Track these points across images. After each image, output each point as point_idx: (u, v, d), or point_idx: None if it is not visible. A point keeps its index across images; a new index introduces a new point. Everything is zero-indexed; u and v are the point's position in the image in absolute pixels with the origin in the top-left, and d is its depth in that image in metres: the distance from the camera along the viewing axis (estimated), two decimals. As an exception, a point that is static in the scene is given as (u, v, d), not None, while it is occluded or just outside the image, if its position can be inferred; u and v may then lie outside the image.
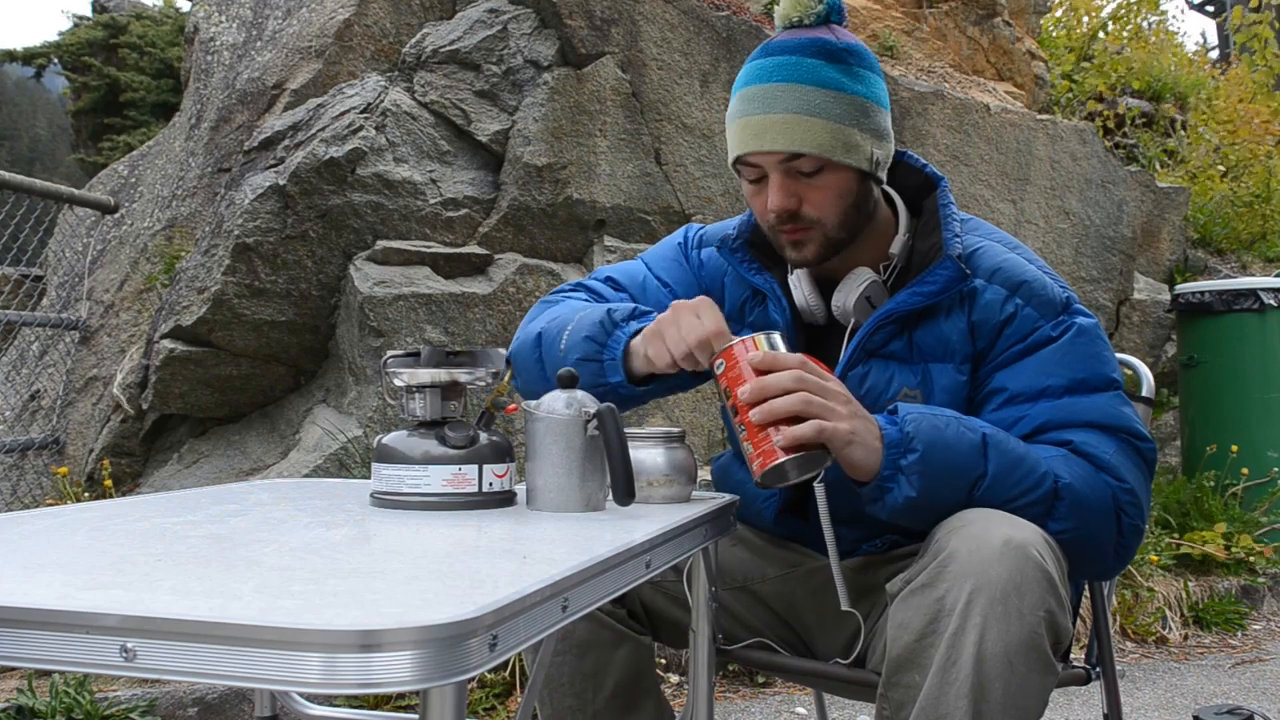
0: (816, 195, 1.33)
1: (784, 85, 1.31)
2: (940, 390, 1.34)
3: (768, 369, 1.18)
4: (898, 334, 1.36)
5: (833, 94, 1.31)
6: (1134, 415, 1.32)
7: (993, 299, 1.33)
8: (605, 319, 1.35)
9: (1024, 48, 5.68)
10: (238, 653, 0.61)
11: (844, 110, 1.31)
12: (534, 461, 1.16)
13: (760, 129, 1.31)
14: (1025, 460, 1.22)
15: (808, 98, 1.30)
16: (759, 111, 1.31)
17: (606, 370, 1.32)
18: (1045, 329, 1.32)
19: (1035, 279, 1.35)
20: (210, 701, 2.48)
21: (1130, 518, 1.25)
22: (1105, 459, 1.25)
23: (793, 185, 1.32)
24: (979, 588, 1.06)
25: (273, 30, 4.14)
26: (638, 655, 1.47)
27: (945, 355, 1.34)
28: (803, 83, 1.30)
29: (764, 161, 1.33)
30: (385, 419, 3.27)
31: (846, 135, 1.31)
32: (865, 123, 1.33)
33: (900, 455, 1.19)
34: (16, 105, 28.44)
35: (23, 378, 4.29)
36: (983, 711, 1.05)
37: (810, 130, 1.29)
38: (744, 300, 1.49)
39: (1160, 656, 3.52)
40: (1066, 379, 1.30)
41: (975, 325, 1.34)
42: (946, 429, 1.21)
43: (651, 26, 3.81)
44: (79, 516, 1.09)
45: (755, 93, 1.33)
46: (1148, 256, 5.59)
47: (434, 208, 3.48)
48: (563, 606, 0.78)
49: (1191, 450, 4.65)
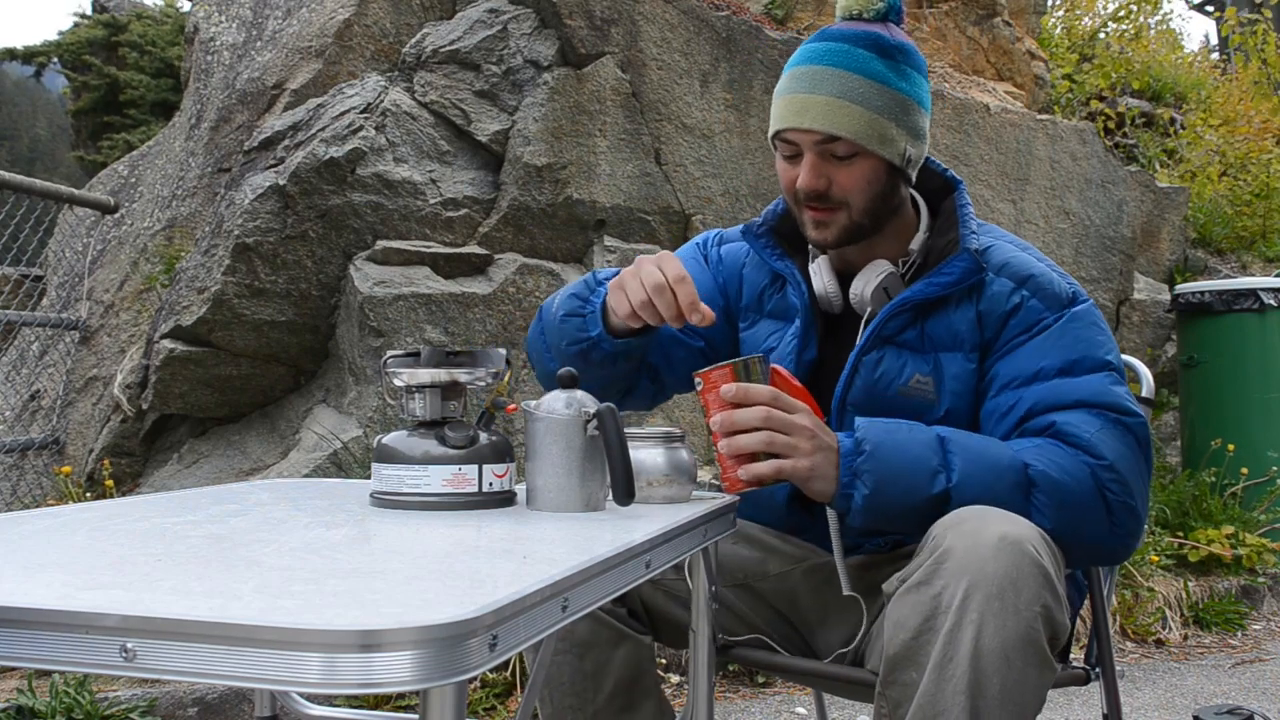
0: (846, 179, 1.37)
1: (832, 69, 1.36)
2: (950, 378, 1.37)
3: (737, 403, 1.23)
4: (911, 323, 1.39)
5: (877, 86, 1.36)
6: (1125, 394, 1.32)
7: (1000, 290, 1.37)
8: (590, 278, 1.45)
9: (1024, 48, 5.68)
10: (237, 653, 0.61)
11: (885, 103, 1.36)
12: (534, 461, 1.16)
13: (802, 107, 1.36)
14: (989, 450, 1.25)
15: (852, 84, 1.35)
16: (804, 90, 1.36)
17: (588, 323, 1.40)
18: (1049, 320, 1.36)
19: (1042, 274, 1.39)
20: (210, 701, 2.48)
21: (1116, 494, 1.25)
22: (1085, 438, 1.26)
23: (825, 167, 1.37)
24: (975, 584, 1.07)
25: (273, 30, 4.14)
26: (638, 655, 1.47)
27: (955, 345, 1.38)
28: (850, 70, 1.36)
29: (801, 140, 1.37)
30: (385, 419, 3.27)
31: (884, 127, 1.35)
32: (904, 119, 1.38)
33: (853, 459, 1.23)
34: (16, 105, 28.43)
35: (23, 378, 4.29)
36: (980, 708, 1.05)
37: (850, 116, 1.34)
38: (763, 288, 1.54)
39: (1160, 656, 3.52)
40: (1060, 361, 1.33)
41: (982, 315, 1.37)
42: (897, 431, 1.26)
43: (651, 26, 3.81)
44: (79, 516, 1.09)
45: (803, 72, 1.38)
46: (1148, 256, 5.59)
47: (434, 208, 3.48)
48: (563, 606, 0.78)
49: (1191, 450, 4.65)
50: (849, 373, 1.40)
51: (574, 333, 1.41)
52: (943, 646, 1.07)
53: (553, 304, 1.47)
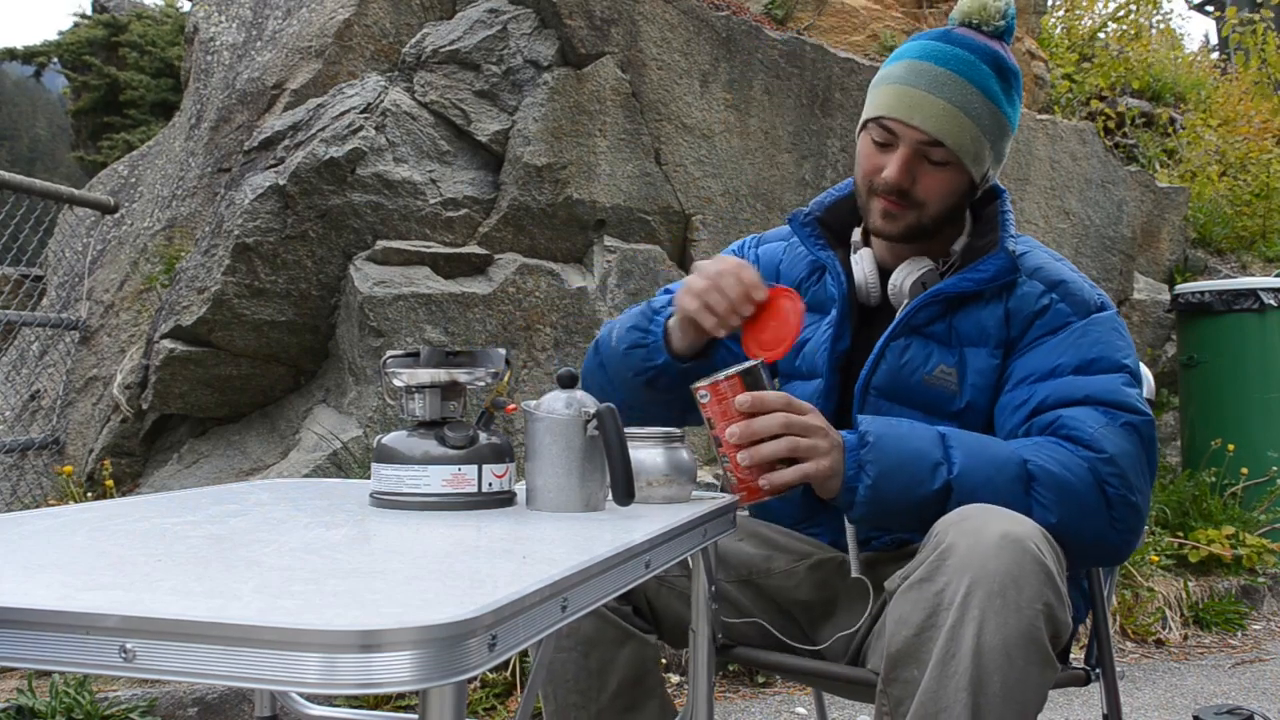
0: (932, 183, 1.40)
1: (955, 76, 1.37)
2: (973, 372, 1.40)
3: (755, 412, 1.24)
4: (940, 315, 1.42)
5: (990, 105, 1.39)
6: (1137, 396, 1.34)
7: (1030, 291, 1.41)
8: (645, 308, 1.49)
9: (1024, 48, 5.68)
10: (237, 653, 0.61)
11: (991, 124, 1.39)
12: (534, 461, 1.16)
13: (917, 103, 1.37)
14: (988, 447, 1.27)
15: (970, 97, 1.37)
16: (924, 88, 1.37)
17: (652, 352, 1.43)
18: (1073, 322, 1.39)
19: (1073, 281, 1.43)
20: (210, 701, 2.48)
21: (1115, 489, 1.26)
22: (1087, 434, 1.27)
23: (916, 165, 1.39)
24: (977, 580, 1.07)
25: (272, 30, 4.14)
26: (643, 654, 1.48)
27: (981, 340, 1.41)
28: (972, 81, 1.37)
29: (904, 134, 1.38)
30: (385, 419, 3.27)
31: (982, 146, 1.39)
32: (999, 143, 1.42)
33: (858, 451, 1.25)
34: (16, 105, 28.43)
35: (23, 378, 4.29)
36: (981, 704, 1.05)
37: (960, 126, 1.36)
38: (800, 281, 1.57)
39: (1160, 657, 3.52)
40: (1076, 359, 1.35)
41: (1010, 313, 1.40)
42: (900, 424, 1.28)
43: (651, 26, 3.81)
44: (79, 517, 1.09)
45: (925, 69, 1.38)
46: (1147, 256, 5.59)
47: (434, 208, 3.48)
48: (562, 606, 0.78)
49: (1191, 450, 4.65)
50: (875, 357, 1.43)
51: (639, 363, 1.44)
52: (945, 643, 1.07)
53: (610, 337, 1.49)
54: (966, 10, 1.42)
